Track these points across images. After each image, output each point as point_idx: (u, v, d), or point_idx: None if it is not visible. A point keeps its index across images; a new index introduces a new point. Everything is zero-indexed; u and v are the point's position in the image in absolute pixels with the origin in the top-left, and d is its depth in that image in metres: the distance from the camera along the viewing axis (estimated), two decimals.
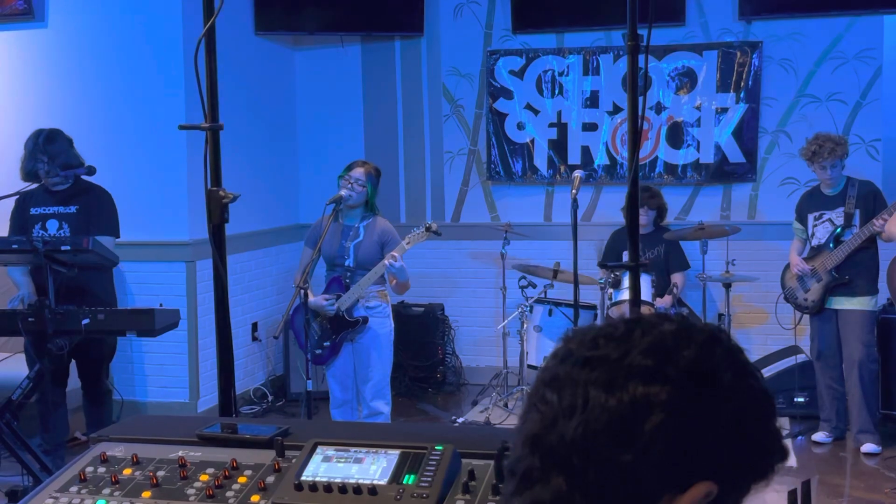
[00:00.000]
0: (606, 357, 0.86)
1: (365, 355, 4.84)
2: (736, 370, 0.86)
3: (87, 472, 1.77)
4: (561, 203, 7.14)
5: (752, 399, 0.86)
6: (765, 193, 6.82)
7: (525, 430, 0.88)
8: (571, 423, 0.83)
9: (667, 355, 0.85)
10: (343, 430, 1.92)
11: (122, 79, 5.99)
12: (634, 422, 0.82)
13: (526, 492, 0.86)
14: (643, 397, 0.83)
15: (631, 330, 0.88)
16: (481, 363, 7.31)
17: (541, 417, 0.87)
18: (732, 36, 6.77)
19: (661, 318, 0.90)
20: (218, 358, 2.31)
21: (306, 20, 7.10)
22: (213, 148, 2.19)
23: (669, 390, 0.83)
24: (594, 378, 0.85)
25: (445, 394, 7.06)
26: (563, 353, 0.90)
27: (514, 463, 0.89)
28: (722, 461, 0.83)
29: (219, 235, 2.24)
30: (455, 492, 1.61)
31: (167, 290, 5.91)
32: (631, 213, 2.25)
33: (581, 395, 0.84)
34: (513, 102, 7.17)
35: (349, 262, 4.78)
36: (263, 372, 7.05)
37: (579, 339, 0.90)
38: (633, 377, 0.84)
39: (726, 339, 0.89)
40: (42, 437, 4.83)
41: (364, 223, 4.83)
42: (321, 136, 7.57)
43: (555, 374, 0.88)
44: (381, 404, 4.87)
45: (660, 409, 0.82)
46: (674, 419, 0.82)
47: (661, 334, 0.87)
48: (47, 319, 4.18)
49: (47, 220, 4.84)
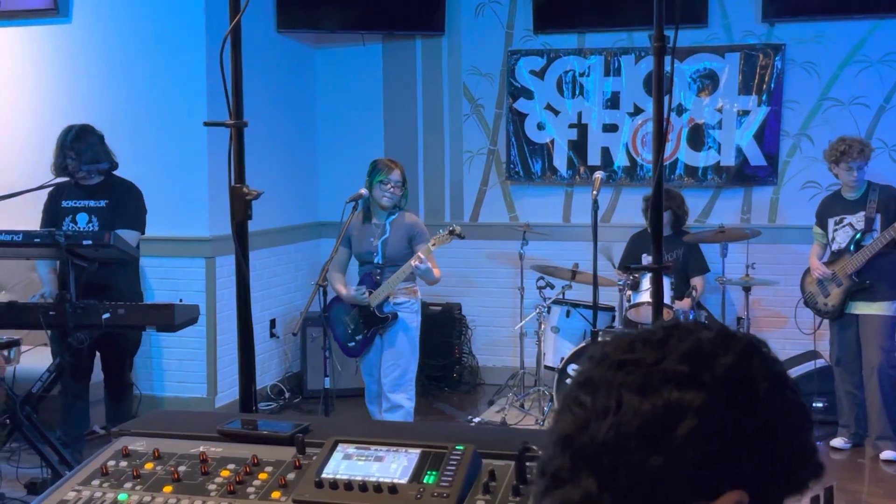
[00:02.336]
0: (642, 361, 0.86)
1: (391, 349, 4.94)
2: (773, 380, 0.86)
3: (109, 465, 1.78)
4: (580, 204, 7.13)
5: (787, 410, 0.86)
6: (786, 197, 6.78)
7: (557, 430, 0.88)
8: (604, 425, 0.83)
9: (703, 362, 0.85)
10: (363, 429, 1.92)
11: (146, 75, 6.02)
12: (667, 426, 0.82)
13: (556, 491, 0.86)
14: (677, 402, 0.82)
15: (668, 335, 0.88)
16: (497, 363, 7.30)
17: (573, 418, 0.87)
18: (755, 38, 6.73)
19: (699, 325, 0.90)
20: (239, 354, 2.32)
21: (328, 18, 7.11)
22: (237, 145, 2.20)
23: (704, 397, 0.82)
24: (629, 381, 0.85)
25: (461, 393, 7.06)
26: (598, 356, 0.90)
27: (544, 462, 0.89)
28: (754, 471, 0.83)
29: (242, 232, 2.24)
30: (475, 492, 1.61)
31: (187, 285, 5.95)
32: (654, 215, 2.24)
33: (615, 398, 0.84)
34: (533, 103, 7.16)
35: (378, 259, 4.90)
36: (280, 369, 7.08)
37: (615, 342, 0.90)
38: (667, 382, 0.83)
39: (764, 348, 0.89)
40: (62, 429, 4.86)
41: (390, 219, 4.92)
42: (341, 135, 7.58)
43: (589, 376, 0.88)
44: (402, 398, 4.92)
45: (693, 414, 0.81)
46: (707, 426, 0.81)
47: (699, 341, 0.87)
48: (68, 313, 4.21)
49: (77, 214, 4.89)
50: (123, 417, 4.90)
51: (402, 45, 7.45)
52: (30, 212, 5.15)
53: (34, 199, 4.83)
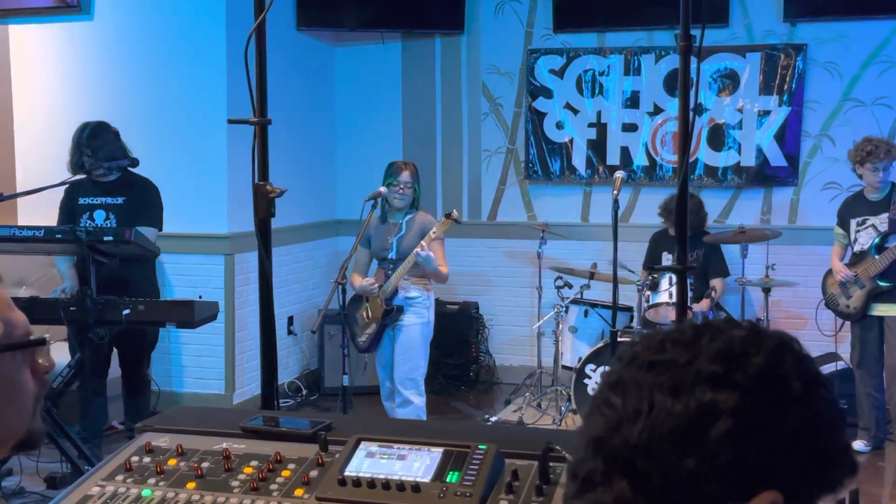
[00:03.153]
0: (673, 361, 0.85)
1: (401, 344, 4.96)
2: (806, 379, 0.85)
3: (133, 461, 1.78)
4: (598, 203, 7.11)
5: (821, 409, 0.85)
6: (806, 197, 6.74)
7: (588, 432, 0.87)
8: (636, 427, 0.82)
9: (735, 361, 0.84)
10: (385, 427, 1.92)
11: (166, 72, 6.05)
12: (700, 428, 0.81)
13: (588, 494, 0.85)
14: (710, 403, 0.81)
15: (699, 335, 0.87)
16: (514, 362, 7.29)
17: (604, 420, 0.86)
18: (776, 38, 6.69)
19: (730, 323, 0.89)
20: (262, 351, 2.32)
21: (348, 17, 7.12)
22: (261, 142, 2.20)
23: (737, 397, 0.81)
24: (660, 382, 0.84)
25: (478, 392, 7.06)
26: (628, 357, 0.89)
27: (576, 465, 0.88)
28: (788, 471, 0.82)
29: (265, 229, 2.25)
30: (498, 491, 1.60)
31: (205, 282, 5.97)
32: (679, 215, 2.23)
33: (646, 400, 0.83)
34: (552, 102, 7.14)
35: (392, 255, 4.95)
36: (298, 366, 7.09)
37: (646, 342, 0.89)
38: (700, 382, 0.82)
39: (797, 346, 0.88)
40: (81, 425, 4.89)
41: (406, 218, 4.97)
42: (360, 133, 7.59)
43: (619, 377, 0.87)
44: (412, 394, 4.94)
45: (727, 415, 0.81)
46: (741, 426, 0.81)
47: (730, 340, 0.86)
48: (88, 309, 4.23)
49: (95, 211, 4.91)
50: (141, 413, 4.93)
51: (421, 44, 7.45)
52: (51, 208, 5.19)
53: (55, 195, 4.86)
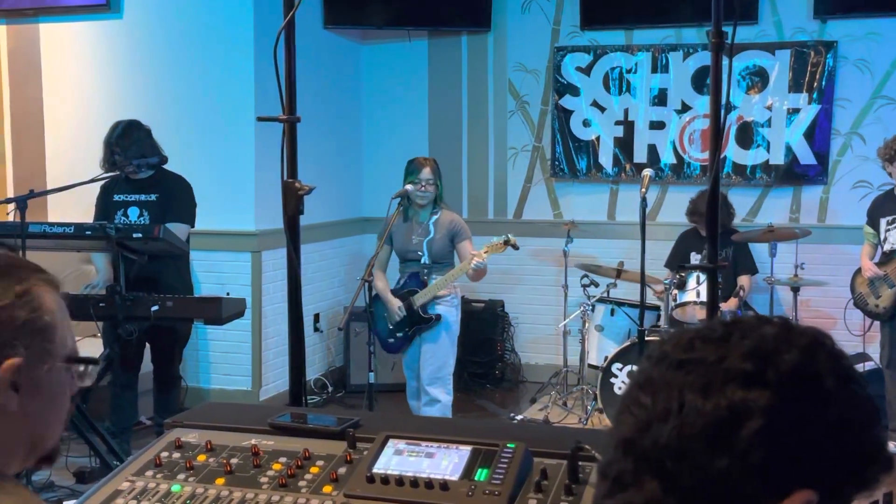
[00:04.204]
0: (703, 360, 0.84)
1: (429, 343, 4.97)
2: (839, 376, 0.84)
3: (163, 456, 1.79)
4: (625, 202, 7.07)
5: (855, 406, 0.84)
6: (836, 196, 6.67)
7: (618, 432, 0.87)
8: (666, 427, 0.82)
9: (767, 359, 0.82)
10: (412, 424, 1.92)
11: (195, 70, 6.09)
12: (732, 427, 0.80)
13: (618, 494, 0.85)
14: (741, 402, 0.80)
15: (729, 332, 0.86)
16: (540, 361, 7.28)
17: (634, 420, 0.85)
18: (806, 35, 6.63)
19: (761, 320, 0.88)
20: (290, 347, 2.33)
21: (374, 15, 7.13)
22: (290, 140, 2.21)
23: (769, 395, 0.80)
24: (690, 381, 0.83)
25: (503, 390, 7.05)
26: (657, 356, 0.88)
27: (606, 465, 0.87)
28: (822, 469, 0.81)
29: (294, 226, 2.25)
30: (527, 490, 1.60)
31: (233, 279, 6.01)
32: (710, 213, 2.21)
33: (676, 399, 0.82)
34: (579, 99, 7.11)
35: (425, 259, 4.94)
36: (324, 363, 7.12)
37: (675, 341, 0.88)
38: (730, 381, 0.81)
39: (829, 343, 0.86)
40: (111, 420, 4.94)
41: (433, 219, 4.94)
42: (386, 130, 7.60)
43: (649, 376, 0.87)
44: (439, 392, 4.94)
45: (759, 414, 0.80)
46: (773, 425, 0.80)
47: (762, 337, 0.84)
48: (118, 305, 4.27)
49: (128, 208, 4.97)
50: (171, 409, 4.97)
51: (447, 42, 7.45)
52: (83, 205, 5.24)
53: (87, 192, 4.91)
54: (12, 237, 4.25)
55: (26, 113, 6.54)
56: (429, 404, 4.96)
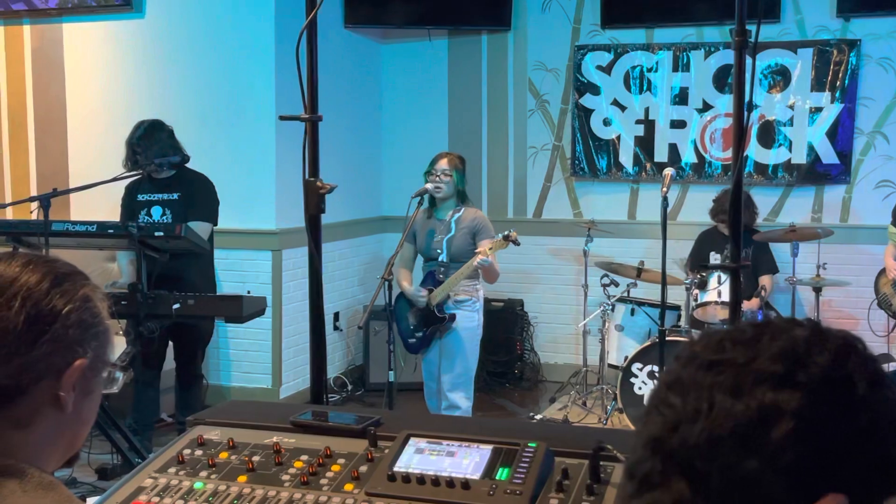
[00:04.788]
0: (733, 361, 0.83)
1: (449, 347, 4.91)
2: (871, 379, 0.83)
3: (185, 454, 1.80)
4: (646, 201, 7.05)
5: (887, 410, 0.83)
6: (859, 196, 6.62)
7: (646, 432, 0.86)
8: (695, 428, 0.81)
9: (798, 361, 0.82)
10: (433, 423, 1.92)
11: (216, 69, 6.12)
12: (762, 429, 0.79)
13: (646, 494, 0.84)
14: (772, 404, 0.80)
15: (760, 334, 0.85)
16: (559, 360, 7.26)
17: (663, 420, 0.84)
18: (829, 34, 6.58)
19: (792, 322, 0.87)
20: (311, 346, 2.33)
21: (394, 14, 7.14)
22: (311, 139, 2.22)
23: (800, 397, 0.80)
24: (720, 382, 0.82)
25: (523, 390, 7.04)
26: (686, 356, 0.87)
27: (633, 465, 0.87)
28: (853, 473, 0.80)
29: (315, 225, 2.26)
30: (549, 490, 1.59)
31: (253, 277, 6.03)
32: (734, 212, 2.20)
33: (706, 400, 0.82)
34: (599, 98, 7.09)
35: (443, 258, 4.86)
36: (343, 361, 7.13)
37: (704, 341, 0.87)
38: (761, 383, 0.81)
39: (861, 346, 0.86)
40: (133, 417, 4.97)
41: (455, 217, 4.87)
42: (406, 130, 7.60)
43: (678, 376, 0.86)
44: (459, 398, 4.89)
45: (789, 416, 0.79)
46: (804, 428, 0.79)
47: (792, 339, 0.84)
48: (139, 303, 4.29)
49: (152, 207, 5.00)
50: (192, 407, 4.99)
51: (467, 41, 7.44)
52: (106, 204, 5.27)
53: (111, 191, 4.94)
54: (36, 235, 4.29)
55: (49, 112, 6.59)
56: (449, 410, 4.89)
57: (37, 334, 1.12)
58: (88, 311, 1.17)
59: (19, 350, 1.11)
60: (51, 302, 1.14)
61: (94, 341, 1.17)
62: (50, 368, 1.13)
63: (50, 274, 1.16)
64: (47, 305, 1.13)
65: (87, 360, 1.15)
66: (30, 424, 1.14)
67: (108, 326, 1.21)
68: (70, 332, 1.14)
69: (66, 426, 1.18)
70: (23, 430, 1.13)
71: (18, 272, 1.15)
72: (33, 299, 1.13)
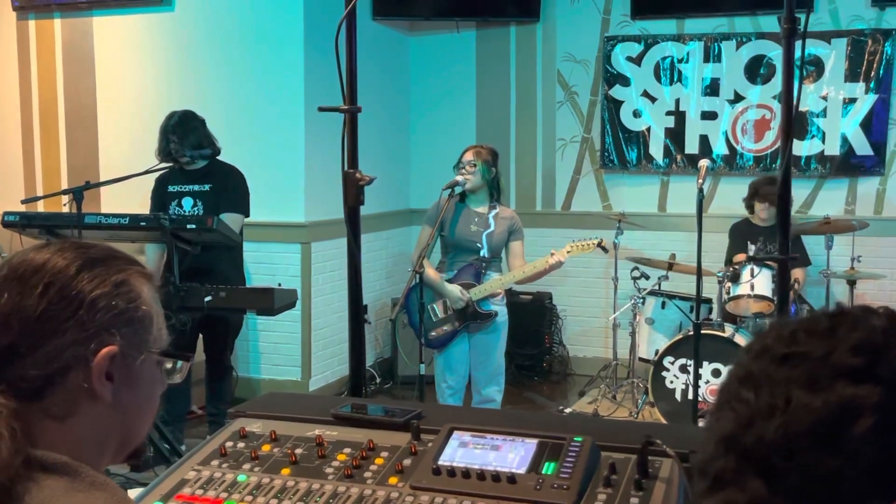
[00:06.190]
0: (808, 354, 0.80)
1: (484, 343, 4.85)
2: None
3: (227, 446, 1.79)
4: (676, 193, 6.99)
5: None
6: (893, 187, 6.54)
7: (718, 428, 0.83)
8: (771, 425, 0.79)
9: (878, 353, 0.79)
10: (474, 417, 1.90)
11: (245, 62, 6.12)
12: (842, 425, 0.77)
13: (719, 493, 0.82)
14: (852, 399, 0.77)
15: (835, 325, 0.82)
16: (588, 354, 7.23)
17: (735, 416, 0.82)
18: (864, 23, 6.49)
19: (868, 311, 0.84)
20: (350, 337, 2.32)
21: (422, 6, 7.12)
22: (350, 130, 2.21)
23: (881, 392, 0.77)
24: (795, 376, 0.79)
25: (552, 383, 7.01)
26: (757, 349, 0.85)
27: (705, 463, 0.84)
28: None
29: (354, 217, 2.25)
30: (596, 485, 1.57)
31: (282, 270, 6.04)
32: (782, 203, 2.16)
33: (781, 395, 0.79)
34: (629, 89, 7.04)
35: (484, 253, 4.77)
36: (372, 354, 7.14)
37: (776, 333, 0.85)
38: (839, 377, 0.78)
39: None
40: (164, 408, 4.98)
41: (493, 213, 4.80)
42: (434, 122, 7.58)
43: (749, 370, 0.83)
44: (494, 391, 4.88)
45: (871, 412, 0.76)
46: (886, 423, 0.76)
47: (871, 330, 0.81)
48: (171, 295, 4.30)
49: (183, 198, 5.01)
50: (223, 399, 5.01)
51: (496, 33, 7.41)
52: (137, 196, 5.29)
53: (141, 183, 4.96)
54: (69, 228, 4.31)
55: (80, 105, 6.63)
56: (484, 404, 4.83)
57: (60, 321, 1.07)
58: (123, 297, 1.11)
59: (42, 338, 1.06)
60: (77, 287, 1.08)
61: (127, 328, 1.11)
62: (78, 357, 1.07)
63: (80, 258, 1.11)
64: (73, 290, 1.08)
65: (119, 347, 1.10)
66: (67, 417, 1.09)
67: (149, 312, 1.15)
68: (98, 318, 1.09)
69: (111, 420, 1.12)
70: (60, 423, 1.08)
71: (48, 258, 1.10)
72: (58, 284, 1.08)
